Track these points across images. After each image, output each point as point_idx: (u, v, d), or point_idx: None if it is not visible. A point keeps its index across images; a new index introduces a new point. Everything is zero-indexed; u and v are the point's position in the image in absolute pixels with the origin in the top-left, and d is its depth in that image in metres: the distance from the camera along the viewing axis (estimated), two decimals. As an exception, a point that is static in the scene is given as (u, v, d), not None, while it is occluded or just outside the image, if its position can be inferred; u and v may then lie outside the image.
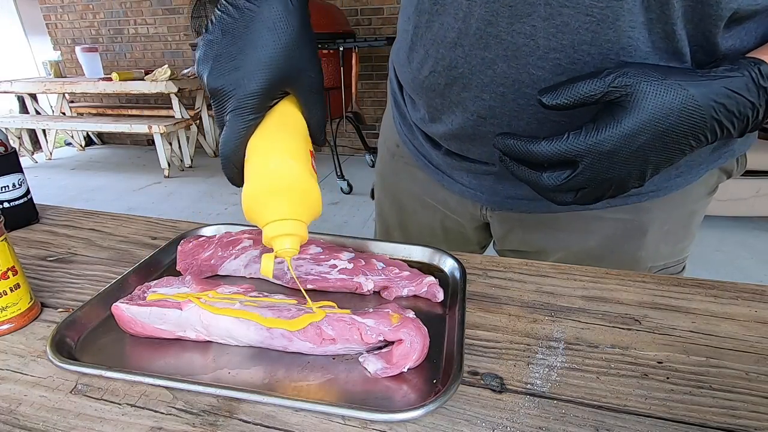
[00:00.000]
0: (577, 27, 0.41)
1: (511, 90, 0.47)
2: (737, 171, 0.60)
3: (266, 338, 0.41)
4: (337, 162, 3.26)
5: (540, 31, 0.42)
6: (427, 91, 0.55)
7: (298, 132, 0.43)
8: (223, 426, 0.34)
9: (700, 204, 0.59)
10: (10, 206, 0.66)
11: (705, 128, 0.38)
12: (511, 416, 0.34)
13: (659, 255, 0.60)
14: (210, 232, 0.62)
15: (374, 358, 0.39)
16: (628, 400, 0.35)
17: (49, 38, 4.69)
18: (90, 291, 0.51)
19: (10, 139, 2.25)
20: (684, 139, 0.38)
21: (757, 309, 0.47)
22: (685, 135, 0.38)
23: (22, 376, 0.39)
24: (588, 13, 0.41)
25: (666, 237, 0.59)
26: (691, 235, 0.61)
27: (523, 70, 0.45)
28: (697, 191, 0.57)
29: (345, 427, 0.33)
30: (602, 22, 0.40)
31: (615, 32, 0.41)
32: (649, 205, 0.56)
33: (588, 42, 0.42)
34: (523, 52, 0.44)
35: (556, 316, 0.46)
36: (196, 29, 4.14)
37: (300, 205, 0.40)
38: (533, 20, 0.42)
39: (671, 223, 0.58)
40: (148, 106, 4.18)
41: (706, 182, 0.57)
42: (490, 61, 0.46)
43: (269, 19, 0.39)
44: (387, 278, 0.50)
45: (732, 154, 0.57)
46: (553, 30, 0.42)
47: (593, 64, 0.42)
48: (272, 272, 0.42)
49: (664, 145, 0.39)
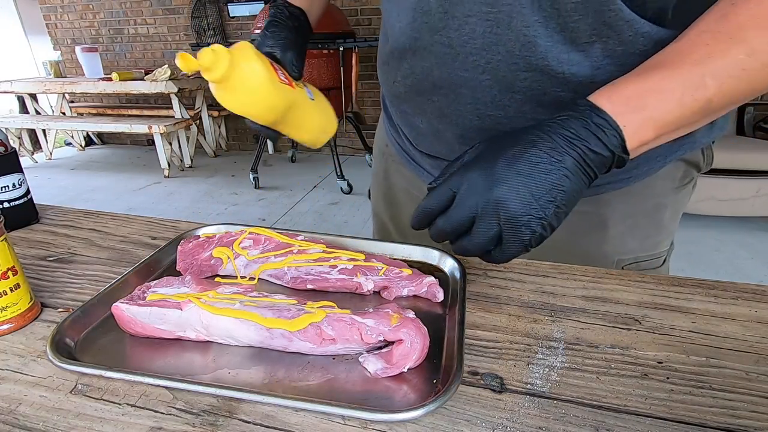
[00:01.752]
0: (483, 32, 0.47)
1: (450, 92, 0.53)
2: (705, 163, 0.60)
3: (266, 338, 0.41)
4: (337, 162, 3.26)
5: (455, 40, 0.49)
6: (394, 98, 0.64)
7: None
8: (223, 426, 0.34)
9: (669, 198, 0.59)
10: (10, 206, 0.66)
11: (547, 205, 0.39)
12: (511, 416, 0.34)
13: (627, 249, 0.60)
14: (210, 232, 0.62)
15: (374, 358, 0.39)
16: (628, 400, 0.35)
17: (49, 38, 4.69)
18: (90, 291, 0.51)
19: (10, 139, 2.25)
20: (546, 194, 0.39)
21: (757, 309, 0.47)
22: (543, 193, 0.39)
23: (22, 376, 0.39)
24: (487, 19, 0.46)
25: (632, 231, 0.59)
26: (665, 230, 0.61)
27: (453, 74, 0.51)
28: (661, 184, 0.58)
29: (345, 427, 0.33)
30: (500, 25, 0.46)
31: (513, 32, 0.45)
32: (608, 197, 0.57)
33: (495, 43, 0.47)
34: (448, 58, 0.51)
35: (556, 316, 0.46)
36: (196, 29, 4.14)
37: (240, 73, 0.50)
38: (448, 32, 0.49)
39: (636, 217, 0.59)
40: (148, 106, 4.18)
41: (670, 175, 0.58)
42: (428, 70, 0.53)
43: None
44: (387, 278, 0.50)
45: (693, 145, 0.57)
46: (465, 38, 0.48)
47: (505, 62, 0.48)
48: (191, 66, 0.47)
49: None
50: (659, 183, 0.57)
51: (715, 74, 0.37)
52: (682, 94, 0.38)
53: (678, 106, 0.38)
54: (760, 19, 0.36)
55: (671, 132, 0.40)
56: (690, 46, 0.39)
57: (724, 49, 0.37)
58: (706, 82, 0.37)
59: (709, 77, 0.37)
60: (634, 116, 0.38)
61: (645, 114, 0.38)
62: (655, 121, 0.38)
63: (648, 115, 0.38)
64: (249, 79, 0.50)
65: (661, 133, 0.39)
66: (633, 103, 0.38)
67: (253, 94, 0.51)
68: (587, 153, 0.38)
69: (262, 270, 0.52)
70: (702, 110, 0.38)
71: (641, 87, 0.39)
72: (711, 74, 0.37)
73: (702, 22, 0.39)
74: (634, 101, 0.38)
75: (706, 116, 0.40)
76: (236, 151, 4.51)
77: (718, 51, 0.37)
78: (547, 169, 0.38)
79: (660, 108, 0.38)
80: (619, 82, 0.40)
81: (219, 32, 4.15)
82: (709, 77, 0.37)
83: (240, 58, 0.49)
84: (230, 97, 0.51)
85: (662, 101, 0.38)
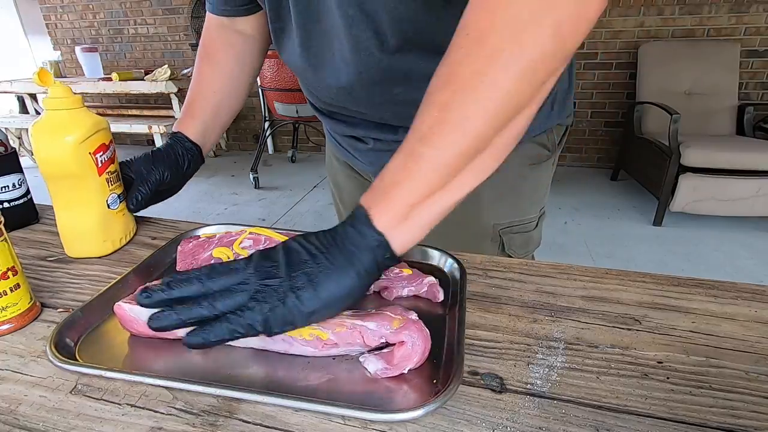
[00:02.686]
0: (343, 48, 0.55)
1: (333, 87, 0.61)
2: (552, 144, 0.71)
3: (267, 342, 0.41)
4: (337, 162, 3.26)
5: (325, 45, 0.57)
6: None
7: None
8: (223, 426, 0.34)
9: (526, 172, 0.69)
10: (10, 206, 0.66)
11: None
12: (511, 416, 0.34)
13: (500, 214, 0.70)
14: (210, 232, 0.62)
15: (375, 359, 0.39)
16: (628, 400, 0.35)
17: (49, 38, 4.69)
18: (90, 291, 0.51)
19: (10, 139, 2.24)
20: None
21: (757, 309, 0.47)
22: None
23: (22, 376, 0.39)
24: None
25: (501, 199, 0.69)
26: (529, 199, 0.72)
27: (329, 76, 0.60)
28: (519, 162, 0.67)
29: (345, 427, 0.33)
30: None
31: (325, 31, 0.55)
32: None
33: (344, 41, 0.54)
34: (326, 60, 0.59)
35: (556, 316, 0.46)
36: (196, 29, 4.14)
37: None
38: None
39: (502, 188, 0.67)
40: (148, 106, 4.17)
41: (525, 153, 0.67)
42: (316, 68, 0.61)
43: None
44: (387, 278, 0.50)
45: (537, 130, 0.66)
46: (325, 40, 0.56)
47: (353, 61, 0.55)
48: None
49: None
50: (517, 160, 0.64)
51: (423, 136, 0.39)
52: (405, 163, 0.39)
53: (406, 174, 0.39)
54: (439, 80, 0.39)
55: (427, 198, 0.39)
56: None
57: (422, 114, 0.39)
58: (416, 145, 0.39)
59: (418, 140, 0.39)
60: (374, 199, 0.40)
61: (383, 191, 0.40)
62: (394, 195, 0.39)
63: (386, 191, 0.40)
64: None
65: (411, 202, 0.39)
66: (375, 188, 0.41)
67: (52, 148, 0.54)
68: (346, 245, 0.39)
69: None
70: (433, 168, 0.38)
71: (381, 173, 0.41)
72: (420, 137, 0.39)
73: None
74: (376, 186, 0.41)
75: (459, 171, 0.39)
76: (236, 151, 4.50)
77: (419, 117, 0.40)
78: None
79: (393, 181, 0.40)
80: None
81: (219, 32, 4.14)
82: (418, 140, 0.39)
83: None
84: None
85: (393, 175, 0.40)
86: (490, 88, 0.36)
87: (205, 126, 0.71)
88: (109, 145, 0.58)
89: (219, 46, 0.72)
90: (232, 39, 0.72)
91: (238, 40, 0.72)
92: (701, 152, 2.39)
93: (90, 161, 0.55)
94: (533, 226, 0.74)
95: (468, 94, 0.37)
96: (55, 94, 0.53)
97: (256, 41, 0.74)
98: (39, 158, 0.53)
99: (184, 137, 0.69)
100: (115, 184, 0.59)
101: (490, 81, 0.36)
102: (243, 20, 0.71)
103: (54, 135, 0.53)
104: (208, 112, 0.72)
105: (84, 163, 0.55)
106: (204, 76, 0.72)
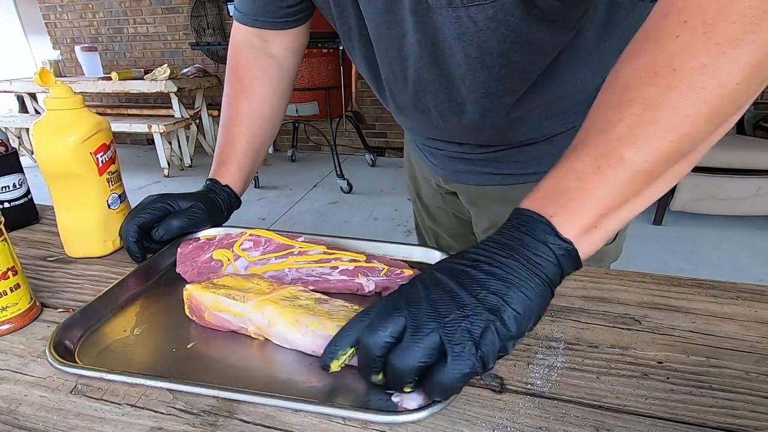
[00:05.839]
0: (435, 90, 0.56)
1: (422, 107, 0.60)
2: None
3: (319, 348, 0.39)
4: (337, 161, 3.26)
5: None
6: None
7: None
8: (223, 426, 0.34)
9: None
10: (10, 206, 0.66)
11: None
12: (511, 416, 0.34)
13: None
14: (210, 233, 0.62)
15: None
16: (628, 400, 0.36)
17: (48, 37, 4.69)
18: (90, 291, 0.51)
19: (10, 139, 2.24)
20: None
21: (757, 309, 0.47)
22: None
23: (22, 376, 0.39)
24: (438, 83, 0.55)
25: None
26: None
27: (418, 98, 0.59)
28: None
29: (345, 428, 0.33)
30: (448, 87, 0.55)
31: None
32: (524, 186, 0.64)
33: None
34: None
35: (556, 316, 0.46)
36: (196, 28, 4.14)
37: None
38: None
39: None
40: (147, 106, 4.17)
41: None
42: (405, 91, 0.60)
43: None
44: (388, 279, 0.50)
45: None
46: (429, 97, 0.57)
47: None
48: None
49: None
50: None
51: (621, 136, 0.35)
52: (598, 166, 0.35)
53: (600, 178, 0.35)
54: (642, 73, 0.34)
55: (618, 207, 0.36)
56: (591, 122, 0.37)
57: (619, 112, 0.35)
58: (614, 146, 0.35)
59: (615, 140, 0.35)
60: (555, 204, 0.36)
61: (568, 196, 0.35)
62: (584, 201, 0.35)
63: (572, 197, 0.35)
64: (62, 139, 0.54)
65: (601, 212, 0.35)
66: (553, 192, 0.36)
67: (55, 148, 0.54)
68: (527, 254, 0.35)
69: (264, 271, 0.52)
70: (633, 173, 0.34)
71: (556, 175, 0.37)
72: (617, 137, 0.35)
73: (598, 98, 0.37)
74: (554, 190, 0.36)
75: (656, 177, 0.35)
76: (236, 151, 4.50)
77: (615, 116, 0.35)
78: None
79: (581, 186, 0.35)
80: (540, 182, 0.38)
81: (218, 31, 4.15)
82: (615, 140, 0.35)
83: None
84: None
85: (580, 179, 0.35)
86: (715, 84, 0.32)
87: (247, 176, 0.68)
88: (109, 145, 0.58)
89: (256, 75, 0.66)
90: (267, 66, 0.67)
91: (274, 68, 0.67)
92: (701, 151, 2.39)
93: (91, 161, 0.55)
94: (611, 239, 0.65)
95: (685, 89, 0.32)
96: (56, 94, 0.53)
97: (290, 69, 0.68)
98: (40, 158, 0.53)
99: (230, 190, 0.65)
100: (116, 184, 0.59)
101: (717, 75, 0.31)
102: (276, 37, 0.65)
103: (55, 135, 0.53)
104: (249, 156, 0.67)
105: (85, 163, 0.55)
106: (242, 113, 0.66)
